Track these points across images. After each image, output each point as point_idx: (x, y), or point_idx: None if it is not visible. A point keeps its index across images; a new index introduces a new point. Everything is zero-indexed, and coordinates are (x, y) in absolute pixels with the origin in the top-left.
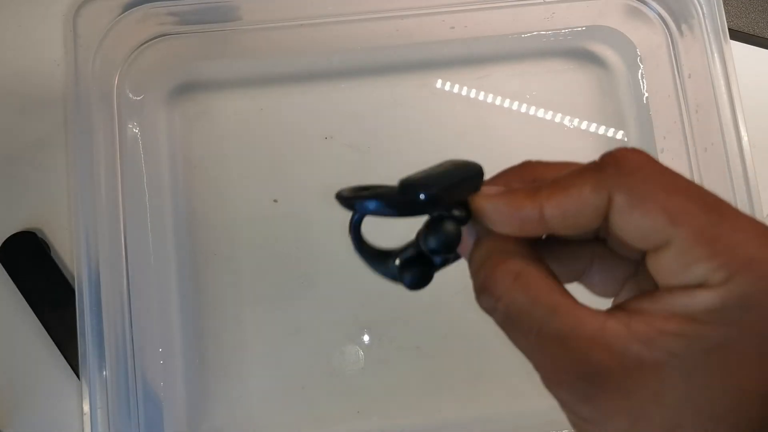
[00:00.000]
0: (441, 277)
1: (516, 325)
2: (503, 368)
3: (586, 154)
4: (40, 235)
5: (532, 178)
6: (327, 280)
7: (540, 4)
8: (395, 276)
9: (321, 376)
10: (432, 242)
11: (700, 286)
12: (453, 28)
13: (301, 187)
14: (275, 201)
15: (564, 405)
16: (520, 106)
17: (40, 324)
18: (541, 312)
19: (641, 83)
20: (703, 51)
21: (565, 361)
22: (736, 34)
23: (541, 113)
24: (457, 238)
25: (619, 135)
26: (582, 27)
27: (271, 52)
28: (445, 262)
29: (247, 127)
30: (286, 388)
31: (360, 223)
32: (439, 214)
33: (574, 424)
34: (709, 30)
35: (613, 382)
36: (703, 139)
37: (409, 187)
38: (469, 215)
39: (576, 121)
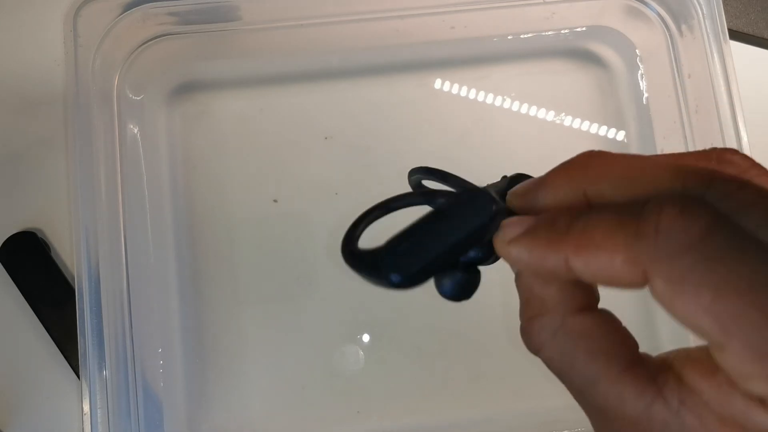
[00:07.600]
0: None
1: (559, 378)
2: (503, 368)
3: None
4: (40, 235)
5: (583, 188)
6: (327, 280)
7: (540, 4)
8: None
9: (321, 376)
10: (447, 288)
11: (762, 402)
12: (453, 28)
13: (301, 187)
14: (275, 201)
15: None
16: (520, 106)
17: (40, 324)
18: (580, 380)
19: (641, 83)
20: (702, 51)
21: None
22: (736, 35)
23: (541, 113)
24: (474, 284)
25: (620, 135)
26: (582, 27)
27: (271, 52)
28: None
29: (247, 127)
30: (286, 388)
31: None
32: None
33: None
34: (708, 30)
35: None
36: (703, 140)
37: (382, 267)
38: (490, 255)
39: (576, 121)
